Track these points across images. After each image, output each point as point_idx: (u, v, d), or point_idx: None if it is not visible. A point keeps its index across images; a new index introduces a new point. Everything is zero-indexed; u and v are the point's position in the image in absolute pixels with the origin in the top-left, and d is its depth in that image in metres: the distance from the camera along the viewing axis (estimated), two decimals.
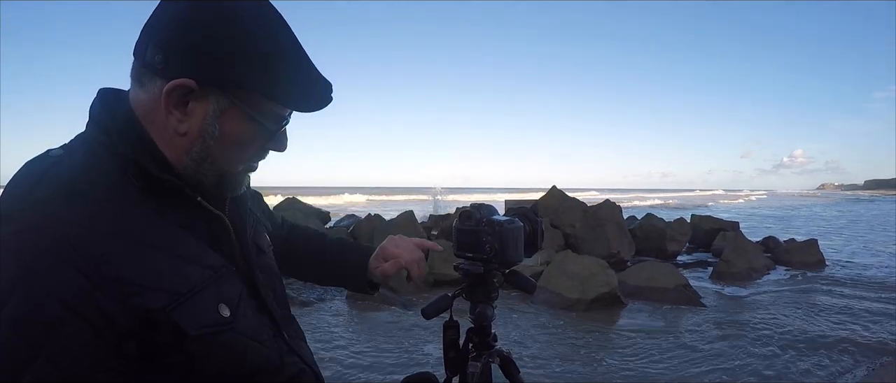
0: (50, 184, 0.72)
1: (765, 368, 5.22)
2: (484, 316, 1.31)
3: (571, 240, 11.30)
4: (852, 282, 9.44)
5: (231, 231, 0.88)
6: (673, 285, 8.17)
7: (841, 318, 7.00)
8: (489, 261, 1.26)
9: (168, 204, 0.80)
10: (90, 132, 0.81)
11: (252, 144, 0.83)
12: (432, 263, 9.17)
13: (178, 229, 0.79)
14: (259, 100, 0.80)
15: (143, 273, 0.71)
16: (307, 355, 0.98)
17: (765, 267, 10.45)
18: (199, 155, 0.80)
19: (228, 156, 0.82)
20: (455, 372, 1.32)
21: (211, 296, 0.78)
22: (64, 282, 0.65)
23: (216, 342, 0.77)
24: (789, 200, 73.10)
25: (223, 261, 0.83)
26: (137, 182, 0.77)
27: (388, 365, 5.17)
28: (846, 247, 14.96)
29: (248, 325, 0.83)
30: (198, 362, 0.75)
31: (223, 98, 0.78)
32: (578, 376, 5.04)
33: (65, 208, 0.70)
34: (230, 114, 0.79)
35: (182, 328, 0.72)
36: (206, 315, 0.76)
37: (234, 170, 0.85)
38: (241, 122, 0.80)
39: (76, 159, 0.77)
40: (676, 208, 32.30)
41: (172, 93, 0.75)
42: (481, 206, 1.29)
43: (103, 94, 0.83)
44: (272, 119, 0.82)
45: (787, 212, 35.72)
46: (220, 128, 0.79)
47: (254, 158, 0.86)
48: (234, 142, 0.81)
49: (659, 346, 5.88)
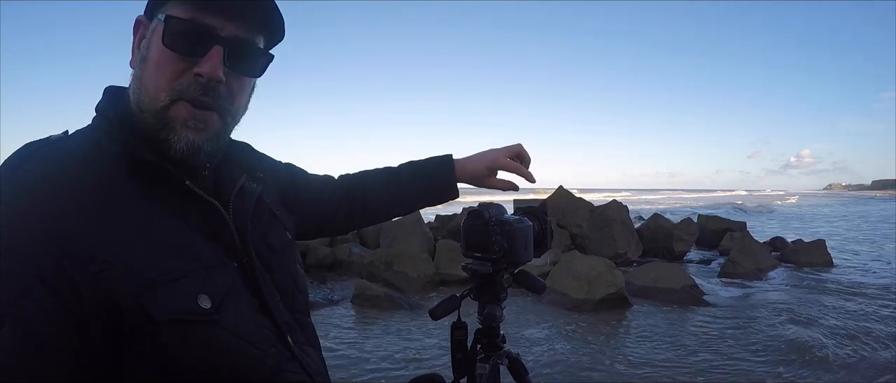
0: (39, 162, 0.73)
1: (769, 371, 5.18)
2: (492, 317, 1.29)
3: (578, 240, 11.28)
4: (859, 284, 9.37)
5: (231, 224, 0.84)
6: (680, 285, 8.13)
7: (847, 325, 6.93)
8: (498, 261, 1.25)
9: (162, 191, 0.78)
10: (93, 122, 0.82)
11: (170, 60, 0.78)
12: (440, 262, 9.18)
13: (169, 217, 0.77)
14: (172, 8, 0.79)
15: (117, 254, 0.69)
16: (313, 365, 0.91)
17: (772, 267, 10.39)
18: (136, 88, 0.80)
19: (150, 80, 0.78)
20: (463, 374, 1.30)
21: (191, 287, 0.73)
22: (35, 254, 0.65)
23: (191, 333, 0.72)
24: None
25: (219, 255, 0.80)
26: (126, 166, 0.76)
27: (395, 366, 5.17)
28: (854, 247, 14.85)
29: (237, 323, 0.77)
30: (171, 353, 0.71)
31: (155, 20, 0.80)
32: (586, 377, 5.02)
33: (45, 184, 0.70)
34: (157, 32, 0.79)
35: (148, 312, 0.69)
36: (179, 302, 0.71)
37: (158, 100, 0.78)
38: (158, 38, 0.78)
39: (72, 142, 0.78)
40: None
41: (134, 33, 0.83)
42: (490, 206, 1.28)
43: (108, 90, 0.84)
44: (184, 26, 0.78)
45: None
46: (150, 48, 0.79)
47: (183, 89, 0.78)
48: (156, 58, 0.79)
49: (666, 347, 5.85)
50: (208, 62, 0.77)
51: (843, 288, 8.94)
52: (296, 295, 0.94)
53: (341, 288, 8.55)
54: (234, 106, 0.84)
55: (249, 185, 0.93)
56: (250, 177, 0.94)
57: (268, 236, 0.92)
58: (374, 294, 7.56)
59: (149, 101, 0.78)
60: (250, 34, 0.82)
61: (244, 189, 0.91)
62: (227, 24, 0.79)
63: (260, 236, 0.90)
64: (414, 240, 10.25)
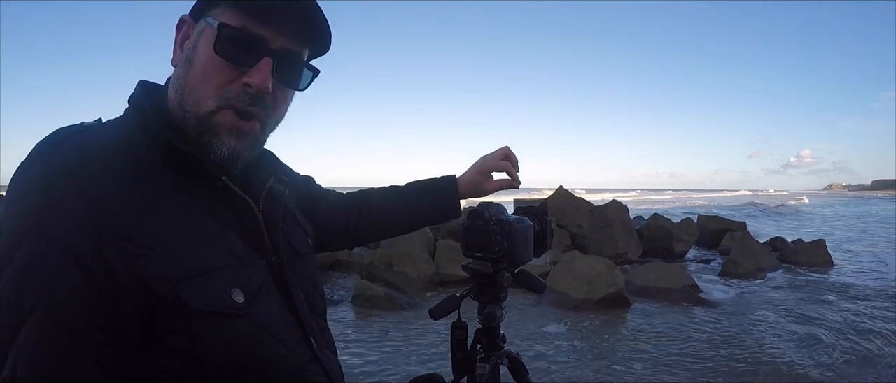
0: (74, 146, 0.72)
1: (769, 371, 5.18)
2: (492, 317, 1.29)
3: (578, 240, 11.28)
4: (859, 285, 9.36)
5: (261, 222, 0.85)
6: (680, 285, 8.13)
7: (847, 325, 6.93)
8: (498, 261, 1.25)
9: (194, 184, 0.78)
10: (126, 112, 0.82)
11: (217, 67, 0.78)
12: (440, 262, 9.18)
13: (202, 210, 0.77)
14: (223, 13, 0.79)
15: (155, 240, 0.69)
16: (333, 368, 0.91)
17: (772, 267, 10.38)
18: (181, 85, 0.79)
19: (198, 85, 0.78)
20: (463, 374, 1.30)
21: (224, 279, 0.74)
22: (72, 234, 0.65)
23: (224, 326, 0.72)
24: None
25: (249, 251, 0.80)
26: (162, 155, 0.76)
27: (395, 366, 5.17)
28: (855, 247, 14.85)
29: (267, 319, 0.78)
30: (202, 345, 0.71)
31: (203, 22, 0.80)
32: (586, 377, 5.01)
33: (82, 166, 0.69)
34: (205, 36, 0.79)
35: (184, 301, 0.69)
36: (214, 295, 0.72)
37: (204, 105, 0.78)
38: (209, 44, 0.78)
39: (107, 130, 0.78)
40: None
41: (177, 32, 0.82)
42: (490, 205, 1.28)
43: (143, 84, 0.85)
44: (237, 34, 0.78)
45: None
46: (197, 51, 0.79)
47: (231, 97, 0.78)
48: (201, 65, 0.78)
49: (666, 347, 5.84)
50: (259, 74, 0.78)
51: (844, 288, 8.94)
52: (316, 299, 0.94)
53: (341, 288, 8.55)
54: (275, 115, 0.85)
55: (277, 188, 0.94)
56: (277, 180, 0.95)
57: (292, 239, 0.93)
58: (375, 294, 7.55)
59: (193, 104, 0.78)
60: (299, 47, 0.83)
61: (273, 190, 0.92)
62: (278, 36, 0.79)
63: (286, 238, 0.90)
64: (414, 240, 10.24)
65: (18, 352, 0.63)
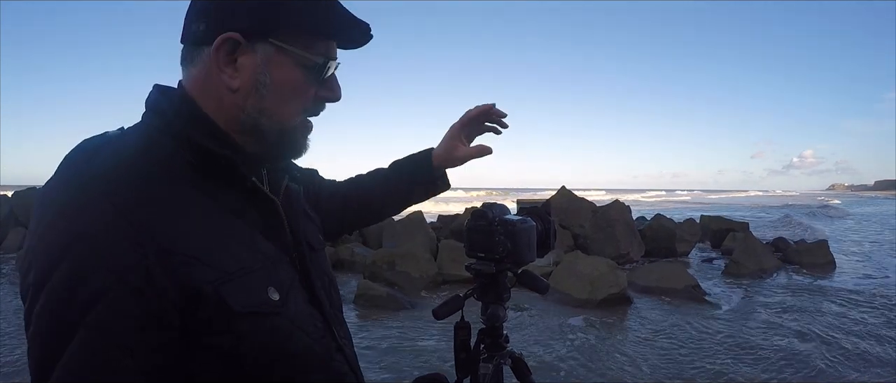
0: (106, 158, 0.73)
1: (772, 371, 5.17)
2: (496, 317, 1.29)
3: (581, 240, 11.27)
4: (862, 285, 9.34)
5: (284, 220, 0.88)
6: (682, 285, 8.13)
7: (849, 326, 6.92)
8: (501, 261, 1.25)
9: (221, 187, 0.79)
10: (146, 118, 0.82)
11: (304, 89, 0.83)
12: (442, 263, 9.18)
13: (229, 213, 0.79)
14: (304, 40, 0.81)
15: (193, 248, 0.71)
16: (353, 359, 0.95)
17: (775, 268, 10.36)
18: (255, 109, 0.80)
19: (283, 105, 0.81)
20: (466, 374, 1.30)
21: (262, 279, 0.77)
22: (113, 252, 0.65)
23: (264, 325, 0.75)
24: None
25: (276, 250, 0.83)
26: (191, 158, 0.77)
27: (397, 366, 5.17)
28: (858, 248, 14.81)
29: (297, 313, 0.81)
30: (246, 345, 0.73)
31: (269, 45, 0.79)
32: (588, 377, 5.01)
33: (118, 180, 0.70)
34: (279, 59, 0.79)
35: (228, 304, 0.71)
36: (254, 295, 0.74)
37: (292, 122, 0.83)
38: (291, 67, 0.80)
39: (131, 139, 0.78)
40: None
41: (220, 48, 0.77)
42: (494, 206, 1.28)
43: (158, 86, 0.85)
44: (320, 58, 0.82)
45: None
46: (272, 76, 0.79)
47: (310, 109, 0.86)
48: (287, 89, 0.81)
49: (668, 347, 5.84)
50: (338, 88, 0.88)
51: (846, 289, 8.90)
52: (332, 293, 0.97)
53: (344, 288, 8.56)
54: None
55: (293, 185, 0.97)
56: (291, 179, 0.98)
57: (308, 235, 0.95)
58: (377, 294, 7.55)
59: (278, 123, 0.82)
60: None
61: (290, 188, 0.95)
62: (334, 47, 0.86)
63: (304, 234, 0.93)
64: (417, 239, 10.25)
65: (64, 371, 0.63)
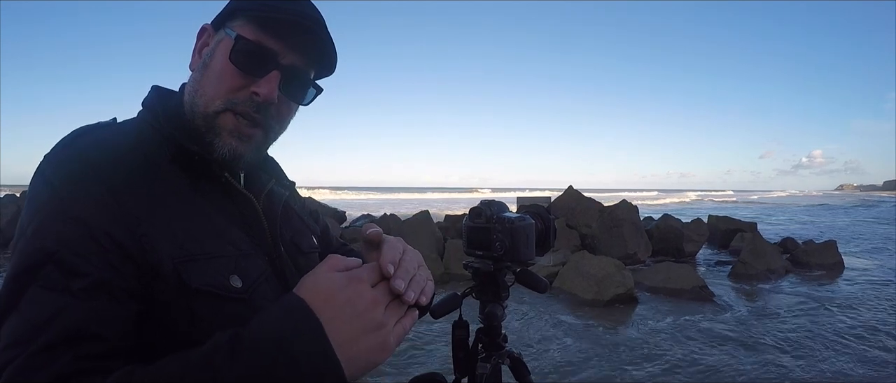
0: (93, 139, 0.80)
1: (778, 372, 5.13)
2: (494, 316, 1.28)
3: (588, 240, 11.23)
4: (870, 286, 9.25)
5: (263, 219, 0.91)
6: (690, 286, 8.09)
7: (856, 326, 6.86)
8: (500, 260, 1.23)
9: (201, 181, 0.84)
10: (139, 114, 0.90)
11: (230, 74, 0.85)
12: (448, 262, 9.18)
13: (207, 205, 0.84)
14: (253, 31, 0.85)
15: (161, 224, 0.76)
16: None
17: (783, 268, 10.28)
18: (193, 89, 0.87)
19: (208, 86, 0.86)
20: (464, 373, 1.29)
21: (224, 265, 0.80)
22: (83, 206, 0.71)
23: (223, 311, 0.77)
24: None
25: (251, 245, 0.86)
26: (170, 154, 0.83)
27: (396, 366, 5.16)
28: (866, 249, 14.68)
29: (265, 305, 0.80)
30: (202, 325, 0.74)
31: (223, 31, 0.87)
32: (594, 378, 4.99)
33: (100, 157, 0.77)
34: (223, 45, 0.86)
35: (184, 280, 0.75)
36: (212, 277, 0.77)
37: (212, 105, 0.85)
38: (225, 52, 0.85)
39: (121, 128, 0.86)
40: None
41: (198, 38, 0.90)
42: (492, 203, 1.26)
43: (156, 88, 0.93)
44: (251, 46, 0.84)
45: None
46: (213, 58, 0.87)
47: (237, 101, 0.85)
48: (215, 70, 0.85)
49: (674, 348, 5.81)
50: (266, 85, 0.85)
51: (854, 290, 8.83)
52: None
53: None
54: (278, 125, 0.92)
55: (277, 189, 1.00)
56: (278, 183, 1.01)
57: (295, 237, 0.99)
58: None
59: (203, 105, 0.85)
60: (306, 66, 0.90)
61: (273, 191, 0.98)
62: (288, 52, 0.86)
63: (288, 236, 0.97)
64: (423, 239, 10.25)
65: (17, 312, 0.67)
